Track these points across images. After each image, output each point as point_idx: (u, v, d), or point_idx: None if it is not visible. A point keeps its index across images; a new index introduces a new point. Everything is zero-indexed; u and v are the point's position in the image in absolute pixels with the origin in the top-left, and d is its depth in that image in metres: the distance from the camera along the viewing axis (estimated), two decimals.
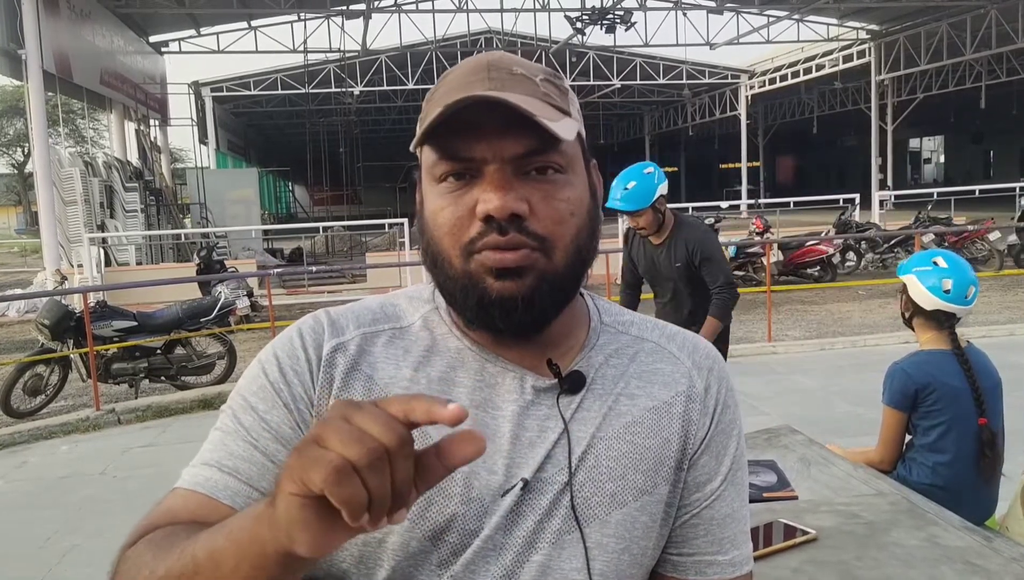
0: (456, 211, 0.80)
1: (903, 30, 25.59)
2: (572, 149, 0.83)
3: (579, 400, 0.86)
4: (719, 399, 0.91)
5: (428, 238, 0.84)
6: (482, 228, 0.79)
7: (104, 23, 18.13)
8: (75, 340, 7.14)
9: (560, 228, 0.81)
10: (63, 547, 4.19)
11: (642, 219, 3.94)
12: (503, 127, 0.78)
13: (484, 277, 0.79)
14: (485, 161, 0.78)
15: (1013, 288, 11.52)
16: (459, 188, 0.80)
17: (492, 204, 0.77)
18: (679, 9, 24.71)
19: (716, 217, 14.45)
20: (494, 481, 0.82)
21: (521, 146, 0.78)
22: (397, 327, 0.89)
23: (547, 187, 0.80)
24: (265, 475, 0.81)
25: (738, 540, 0.91)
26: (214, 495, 0.79)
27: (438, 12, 25.08)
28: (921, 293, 2.62)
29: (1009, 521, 2.48)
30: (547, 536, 0.82)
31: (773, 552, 1.59)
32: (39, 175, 13.79)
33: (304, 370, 0.84)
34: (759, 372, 7.29)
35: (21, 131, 37.02)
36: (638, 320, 0.95)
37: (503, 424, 0.83)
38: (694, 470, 0.89)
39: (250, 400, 0.84)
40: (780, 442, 2.35)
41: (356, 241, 20.61)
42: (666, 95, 35.76)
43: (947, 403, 2.54)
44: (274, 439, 0.82)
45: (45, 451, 6.03)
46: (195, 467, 0.82)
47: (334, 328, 0.87)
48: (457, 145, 0.79)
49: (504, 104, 0.75)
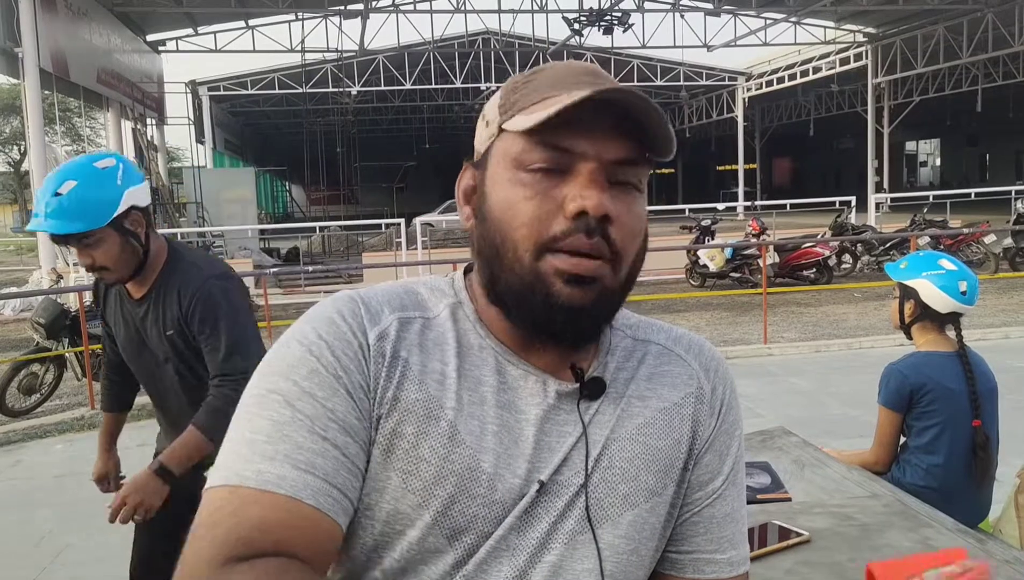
0: (543, 204, 0.78)
1: (900, 33, 25.64)
2: (648, 170, 0.83)
3: (597, 405, 0.86)
4: (724, 400, 0.92)
5: (495, 228, 0.80)
6: (568, 226, 0.77)
7: (101, 22, 18.09)
8: (70, 339, 7.12)
9: (632, 244, 0.81)
10: (57, 546, 4.18)
11: (99, 252, 2.10)
12: (609, 126, 0.78)
13: (554, 280, 0.78)
14: (585, 157, 0.78)
15: (1008, 291, 11.55)
16: (547, 181, 0.78)
17: (590, 201, 0.76)
18: (676, 11, 24.73)
19: (713, 219, 14.46)
20: (515, 484, 0.81)
21: (623, 151, 0.79)
22: (425, 317, 0.86)
23: (629, 200, 0.80)
24: (340, 471, 0.75)
25: (736, 540, 0.91)
26: (297, 496, 0.72)
27: (436, 12, 25.06)
28: (936, 296, 2.61)
29: (1002, 524, 2.49)
30: (560, 537, 0.82)
31: (767, 553, 1.60)
32: (35, 173, 13.75)
33: (359, 356, 0.80)
34: (755, 374, 7.30)
35: (17, 129, 36.90)
36: (643, 323, 0.96)
37: (527, 428, 0.83)
38: (698, 468, 0.90)
39: (304, 385, 0.77)
40: (775, 444, 2.36)
41: (353, 241, 20.60)
42: (663, 97, 35.76)
43: (942, 404, 2.55)
44: (342, 430, 0.77)
45: (40, 450, 6.03)
46: (251, 461, 0.73)
47: (370, 313, 0.83)
48: (560, 136, 0.77)
49: (634, 103, 0.76)
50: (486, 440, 0.81)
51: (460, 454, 0.79)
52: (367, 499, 0.79)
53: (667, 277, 13.56)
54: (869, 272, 13.57)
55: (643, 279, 12.75)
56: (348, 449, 0.76)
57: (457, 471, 0.79)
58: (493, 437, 0.81)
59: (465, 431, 0.80)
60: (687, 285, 13.08)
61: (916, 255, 2.77)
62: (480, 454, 0.80)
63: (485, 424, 0.81)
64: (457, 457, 0.79)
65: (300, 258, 18.08)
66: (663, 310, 11.12)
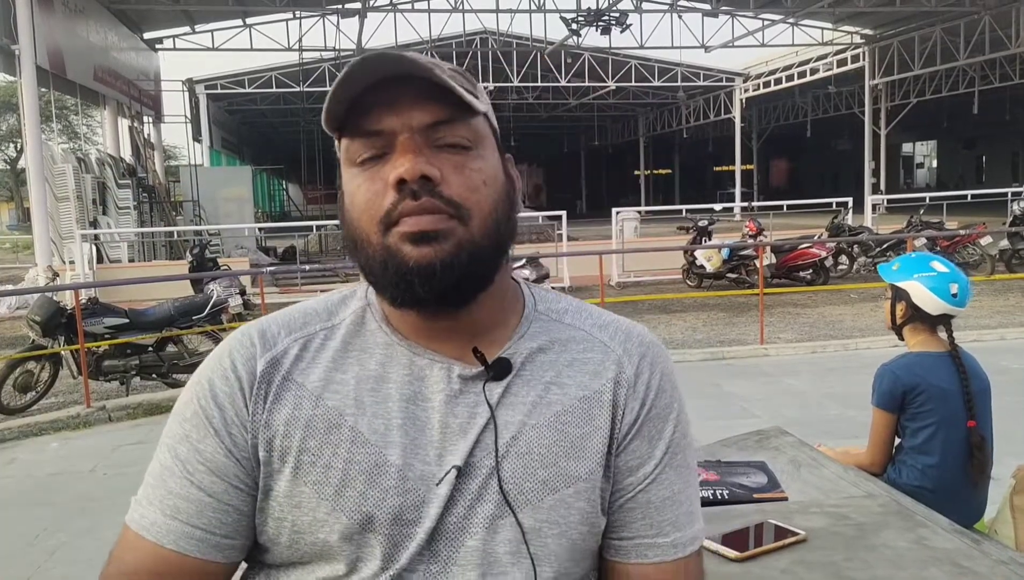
0: (372, 187, 0.82)
1: (897, 35, 25.70)
2: (482, 129, 0.85)
3: (505, 386, 0.87)
4: (651, 384, 0.91)
5: (348, 222, 0.85)
6: (396, 197, 0.80)
7: (98, 19, 18.07)
8: (66, 337, 7.10)
9: (474, 195, 0.82)
10: (52, 544, 4.17)
11: None
12: (413, 99, 0.80)
13: (402, 246, 0.81)
14: (395, 133, 0.81)
15: (1004, 293, 11.58)
16: (374, 167, 0.82)
17: (403, 167, 0.79)
18: (674, 11, 24.76)
19: (710, 219, 14.47)
20: (428, 471, 0.83)
21: (431, 115, 0.81)
22: (328, 326, 0.90)
23: (457, 158, 0.82)
24: (203, 511, 0.84)
25: (680, 522, 0.91)
26: (160, 542, 0.84)
27: (434, 12, 25.08)
28: (927, 298, 2.61)
29: (998, 524, 2.49)
30: (480, 520, 0.83)
31: (763, 553, 1.60)
32: (32, 171, 13.74)
33: (236, 391, 0.86)
34: (751, 374, 7.31)
35: (14, 127, 36.84)
36: (573, 308, 0.96)
37: (432, 415, 0.85)
38: (625, 454, 0.90)
39: (184, 428, 0.87)
40: (771, 444, 2.36)
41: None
42: (661, 97, 35.84)
43: (935, 405, 2.55)
44: (208, 471, 0.84)
45: (35, 448, 6.01)
46: (142, 505, 0.86)
47: (264, 340, 0.88)
48: (368, 120, 0.81)
49: (414, 70, 0.78)
50: (391, 435, 0.84)
51: (364, 453, 0.83)
52: (288, 516, 0.84)
53: (664, 277, 13.57)
54: (866, 273, 13.59)
55: (640, 279, 12.77)
56: (214, 488, 0.84)
57: (364, 470, 0.83)
58: (398, 430, 0.84)
59: (368, 431, 0.84)
60: (684, 285, 13.09)
61: (908, 257, 2.77)
62: (385, 449, 0.83)
63: (390, 419, 0.84)
64: (361, 457, 0.83)
65: (297, 257, 18.06)
66: (660, 310, 11.13)
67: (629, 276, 13.91)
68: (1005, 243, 12.69)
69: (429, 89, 0.80)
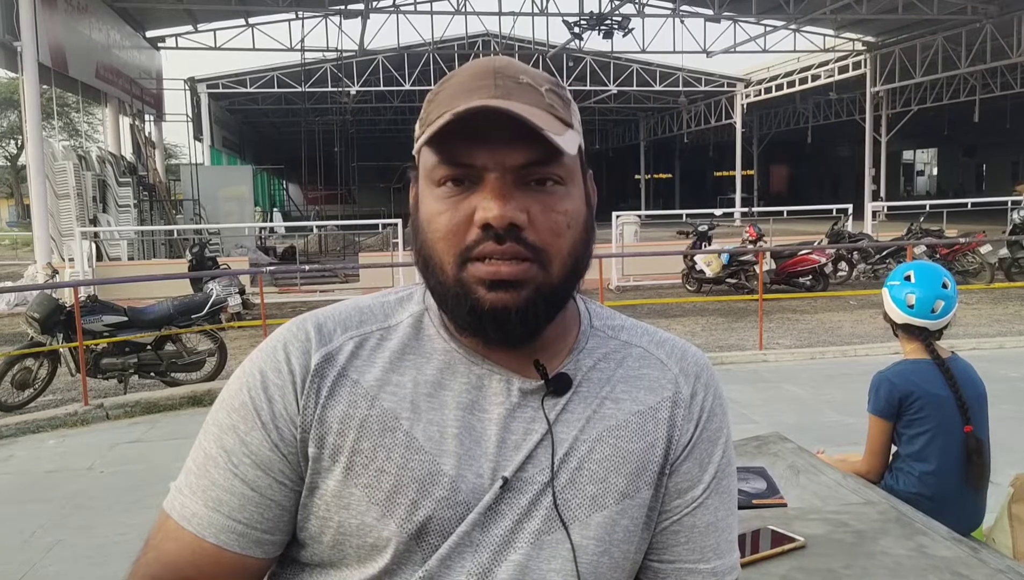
0: (454, 217, 0.80)
1: (899, 42, 25.73)
2: (572, 161, 0.83)
3: (564, 402, 0.86)
4: (705, 406, 0.91)
5: (422, 241, 0.83)
6: (479, 236, 0.79)
7: (101, 17, 18.06)
8: (65, 334, 7.10)
9: (557, 240, 0.81)
10: (48, 542, 4.16)
11: None
12: (507, 136, 0.78)
13: (476, 287, 0.79)
14: (486, 169, 0.79)
15: (1003, 301, 11.58)
16: (458, 194, 0.80)
17: (491, 212, 0.77)
18: (677, 16, 24.78)
19: (710, 224, 14.47)
20: (480, 484, 0.82)
21: (523, 157, 0.79)
22: (384, 327, 0.88)
23: (546, 199, 0.81)
24: (246, 506, 0.83)
25: (721, 549, 0.90)
26: (201, 535, 0.83)
27: (436, 14, 25.10)
28: (890, 307, 2.68)
29: (995, 533, 2.49)
30: (526, 536, 0.82)
31: (761, 559, 1.60)
32: (32, 168, 13.73)
33: (287, 385, 0.84)
34: (750, 380, 7.31)
35: (15, 123, 36.86)
36: (629, 325, 0.95)
37: (489, 427, 0.84)
38: (676, 476, 0.89)
39: (232, 418, 0.85)
40: (770, 449, 2.36)
41: (349, 241, 20.57)
42: (662, 102, 35.83)
43: (931, 411, 2.55)
44: (253, 465, 0.83)
45: (32, 445, 6.00)
46: (183, 493, 0.85)
47: (321, 335, 0.86)
48: (460, 151, 0.79)
49: (510, 115, 0.76)
50: (446, 443, 0.83)
51: (419, 460, 0.82)
52: (335, 516, 0.83)
53: (663, 282, 13.57)
54: (865, 280, 13.60)
55: (639, 284, 12.74)
56: (258, 483, 0.83)
57: (417, 477, 0.81)
58: (453, 439, 0.83)
59: (423, 437, 0.83)
60: (683, 290, 13.09)
61: (903, 265, 2.79)
62: (440, 458, 0.82)
63: (445, 428, 0.83)
64: (416, 464, 0.82)
65: (296, 257, 18.05)
66: (659, 315, 11.12)
67: (628, 280, 13.91)
68: (1004, 252, 12.69)
69: (525, 128, 0.77)
